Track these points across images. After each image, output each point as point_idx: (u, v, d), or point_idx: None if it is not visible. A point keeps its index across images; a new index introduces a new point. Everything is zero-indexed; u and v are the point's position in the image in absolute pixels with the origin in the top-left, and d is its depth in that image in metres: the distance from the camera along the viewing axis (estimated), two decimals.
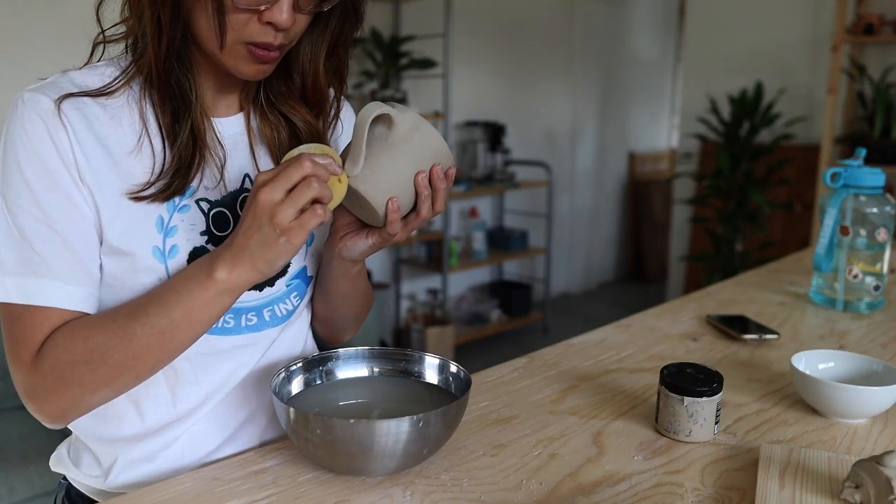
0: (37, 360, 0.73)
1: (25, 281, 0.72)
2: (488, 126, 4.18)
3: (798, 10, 3.97)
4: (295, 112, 0.87)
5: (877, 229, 1.30)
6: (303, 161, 0.67)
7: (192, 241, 0.79)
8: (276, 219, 0.66)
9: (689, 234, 4.48)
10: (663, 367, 0.86)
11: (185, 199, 0.79)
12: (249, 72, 0.77)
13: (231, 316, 0.83)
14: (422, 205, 0.76)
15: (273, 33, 0.74)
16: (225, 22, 0.72)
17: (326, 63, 0.85)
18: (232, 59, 0.76)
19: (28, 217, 0.72)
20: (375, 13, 3.70)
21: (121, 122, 0.77)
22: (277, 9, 0.72)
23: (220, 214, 0.82)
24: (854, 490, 0.68)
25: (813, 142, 3.82)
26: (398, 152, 0.74)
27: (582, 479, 0.75)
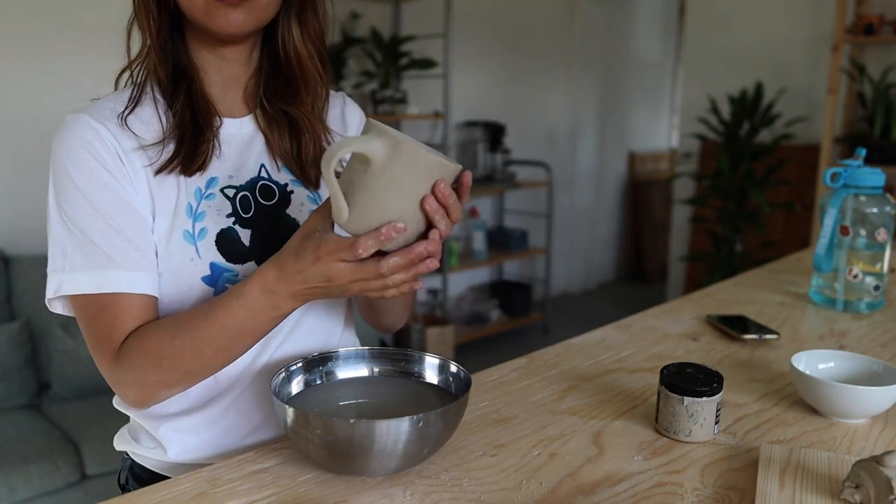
0: (117, 359, 0.80)
1: (94, 274, 0.79)
2: (488, 126, 4.18)
3: (798, 10, 3.97)
4: (291, 106, 0.92)
5: (877, 229, 1.30)
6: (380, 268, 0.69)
7: (219, 224, 0.86)
8: (352, 293, 0.74)
9: (689, 234, 4.48)
10: (663, 367, 0.86)
11: (211, 187, 0.86)
12: (224, 22, 0.80)
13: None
14: (438, 224, 0.72)
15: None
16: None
17: (303, 35, 0.89)
18: (206, 14, 0.80)
19: (84, 217, 0.80)
20: (375, 13, 3.70)
21: (150, 124, 0.85)
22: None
23: (244, 198, 0.88)
24: (854, 490, 0.68)
25: (813, 142, 3.82)
26: (379, 186, 0.67)
27: (582, 479, 0.75)
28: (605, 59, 5.22)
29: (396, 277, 0.70)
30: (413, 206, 0.68)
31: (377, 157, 0.66)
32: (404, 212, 0.68)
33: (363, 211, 0.68)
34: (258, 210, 0.89)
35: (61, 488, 2.10)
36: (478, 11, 4.21)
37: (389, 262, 0.68)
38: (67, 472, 2.10)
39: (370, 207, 0.67)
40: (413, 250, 0.69)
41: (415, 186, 0.67)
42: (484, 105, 4.36)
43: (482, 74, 4.36)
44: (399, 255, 0.69)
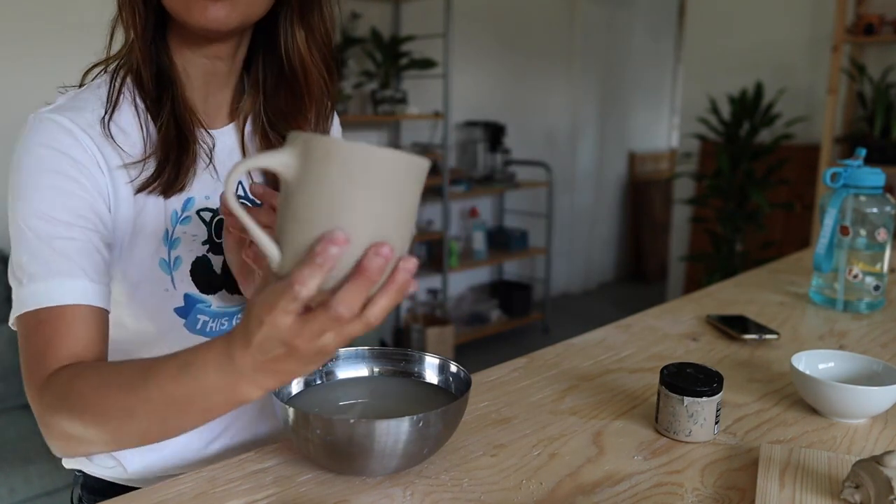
0: (42, 390, 0.69)
1: (39, 286, 0.71)
2: (488, 126, 4.18)
3: (798, 10, 3.97)
4: (293, 125, 0.85)
5: (877, 229, 1.30)
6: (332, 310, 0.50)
7: (194, 251, 0.81)
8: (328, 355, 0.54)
9: (689, 234, 4.48)
10: (663, 367, 0.86)
11: (186, 210, 0.80)
12: (202, 16, 0.72)
13: (226, 319, 0.86)
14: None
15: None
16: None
17: (308, 40, 0.82)
18: (185, 7, 0.72)
19: (41, 223, 0.72)
20: (375, 13, 3.70)
21: (129, 134, 0.78)
22: None
23: (220, 222, 0.83)
24: (854, 490, 0.68)
25: (813, 142, 3.82)
26: (302, 203, 0.50)
27: (582, 479, 0.75)
28: (605, 59, 5.22)
29: (372, 311, 0.51)
30: (355, 213, 0.49)
31: (289, 168, 0.51)
32: (344, 221, 0.49)
33: (293, 242, 0.51)
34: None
35: (61, 488, 2.10)
36: (478, 11, 4.21)
37: (341, 295, 0.49)
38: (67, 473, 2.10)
39: (301, 234, 0.50)
40: (367, 264, 0.49)
41: (346, 189, 0.49)
42: (484, 105, 4.36)
43: (482, 74, 4.36)
44: (353, 279, 0.49)
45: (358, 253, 0.50)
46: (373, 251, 0.49)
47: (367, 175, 0.49)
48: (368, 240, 0.50)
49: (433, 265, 3.96)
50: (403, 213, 0.52)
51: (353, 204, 0.49)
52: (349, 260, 0.50)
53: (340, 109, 3.34)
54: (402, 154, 0.50)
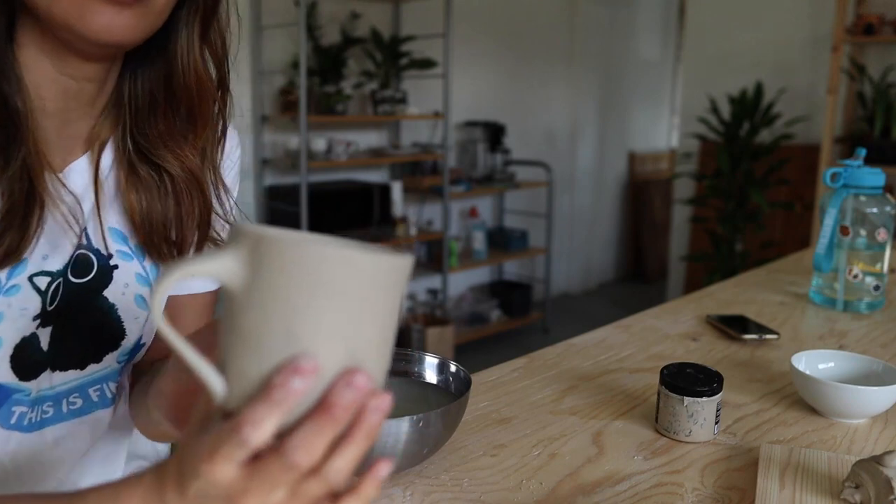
0: None
1: None
2: (488, 126, 4.18)
3: (798, 10, 3.97)
4: (174, 156, 0.67)
5: (877, 229, 1.30)
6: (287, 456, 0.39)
7: (21, 330, 0.62)
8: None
9: (689, 234, 4.48)
10: (663, 367, 0.86)
11: (14, 277, 0.61)
12: (104, 26, 0.56)
13: (49, 404, 0.67)
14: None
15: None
16: None
17: (203, 50, 0.67)
18: (78, 13, 0.56)
19: None
20: (375, 13, 3.70)
21: None
22: None
23: (62, 288, 0.65)
24: (854, 490, 0.68)
25: (813, 142, 3.82)
26: (253, 318, 0.39)
27: (582, 479, 0.75)
28: (605, 59, 5.22)
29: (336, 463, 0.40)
30: (320, 332, 0.39)
31: (234, 277, 0.39)
32: (307, 344, 0.39)
33: (242, 369, 0.40)
34: (65, 293, 0.65)
35: None
36: (478, 11, 4.21)
37: (298, 436, 0.39)
38: None
39: (252, 360, 0.39)
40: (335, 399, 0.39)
41: (309, 302, 0.38)
42: (484, 105, 4.36)
43: (482, 74, 4.36)
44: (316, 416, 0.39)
45: (322, 383, 0.39)
46: (343, 382, 0.38)
47: (336, 284, 0.38)
48: (337, 366, 0.39)
49: (433, 265, 3.96)
50: (381, 331, 0.41)
51: (317, 321, 0.38)
52: (312, 392, 0.39)
53: (340, 110, 3.34)
54: (379, 254, 0.39)
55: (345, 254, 0.38)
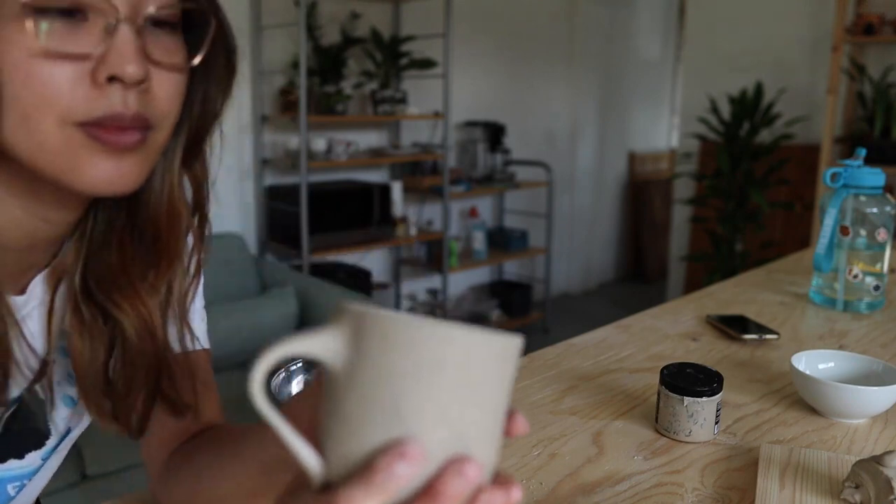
0: None
1: None
2: (488, 126, 4.18)
3: (798, 10, 3.97)
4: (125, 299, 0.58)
5: (877, 229, 1.30)
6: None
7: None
8: None
9: (689, 234, 4.48)
10: (663, 367, 0.86)
11: None
12: (104, 176, 0.49)
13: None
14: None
15: (122, 95, 0.49)
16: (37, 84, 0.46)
17: (181, 179, 0.58)
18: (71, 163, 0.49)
19: None
20: (375, 13, 3.70)
21: None
22: (116, 51, 0.48)
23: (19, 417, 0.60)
24: (854, 490, 0.68)
25: (813, 142, 3.82)
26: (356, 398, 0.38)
27: (582, 479, 0.75)
28: (605, 59, 5.22)
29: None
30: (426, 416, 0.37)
31: (336, 356, 0.38)
32: (412, 427, 0.37)
33: (343, 450, 0.38)
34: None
35: (61, 488, 2.10)
36: (478, 11, 4.21)
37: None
38: (67, 473, 2.10)
39: (353, 440, 0.37)
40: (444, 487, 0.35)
41: (415, 385, 0.37)
42: (484, 105, 4.36)
43: (482, 74, 4.36)
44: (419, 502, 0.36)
45: (427, 469, 0.36)
46: (454, 470, 0.35)
47: (442, 364, 0.36)
48: (442, 451, 0.37)
49: (433, 265, 3.96)
50: (489, 416, 0.38)
51: (423, 404, 0.36)
52: (415, 478, 0.36)
53: (340, 110, 3.34)
54: (490, 335, 0.37)
55: (451, 333, 0.37)
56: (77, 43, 0.47)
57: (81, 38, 0.47)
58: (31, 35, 0.45)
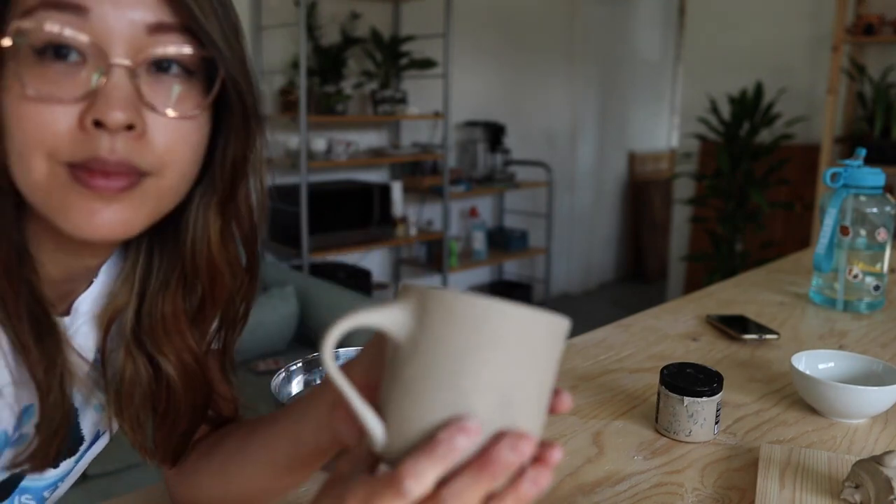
0: None
1: None
2: (488, 126, 4.18)
3: (798, 10, 3.97)
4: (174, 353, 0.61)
5: (877, 229, 1.30)
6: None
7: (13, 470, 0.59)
8: None
9: (689, 234, 4.48)
10: (663, 367, 0.86)
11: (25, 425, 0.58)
12: (88, 223, 0.50)
13: (29, 496, 0.65)
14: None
15: (108, 140, 0.48)
16: (28, 124, 0.48)
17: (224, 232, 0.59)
18: (61, 207, 0.50)
19: None
20: (375, 13, 3.70)
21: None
22: (104, 96, 0.48)
23: None
24: (854, 490, 0.68)
25: (813, 142, 3.82)
26: (419, 371, 0.40)
27: (582, 479, 0.75)
28: (605, 59, 5.22)
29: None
30: (484, 391, 0.40)
31: (401, 328, 0.41)
32: (472, 401, 0.40)
33: (405, 420, 0.41)
34: None
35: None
36: (478, 11, 4.21)
37: (456, 487, 0.38)
38: None
39: (415, 412, 0.40)
40: (497, 456, 0.38)
41: (475, 359, 0.39)
42: (484, 105, 4.36)
43: (482, 74, 4.36)
44: (474, 470, 0.38)
45: (482, 439, 0.39)
46: (508, 442, 0.38)
47: (497, 339, 0.39)
48: (495, 423, 0.40)
49: (433, 265, 3.96)
50: (537, 389, 0.41)
51: (479, 376, 0.39)
52: (473, 447, 0.39)
53: (340, 110, 3.35)
54: (543, 314, 0.40)
55: (509, 311, 0.39)
56: (68, 86, 0.48)
57: (75, 81, 0.48)
58: (20, 78, 0.47)
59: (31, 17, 0.47)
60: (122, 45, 0.48)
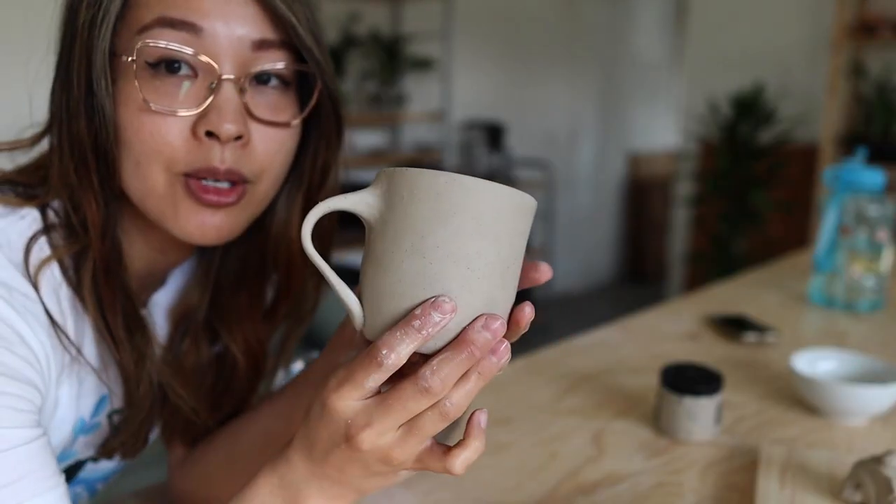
0: None
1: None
2: (488, 126, 4.18)
3: (798, 10, 3.97)
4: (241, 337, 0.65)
5: (877, 229, 1.30)
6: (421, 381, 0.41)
7: (78, 456, 0.62)
8: (393, 461, 0.44)
9: (689, 234, 4.48)
10: (663, 367, 0.86)
11: (98, 415, 0.61)
12: (192, 227, 0.54)
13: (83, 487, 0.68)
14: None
15: (219, 150, 0.53)
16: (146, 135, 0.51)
17: (300, 221, 0.62)
18: (173, 213, 0.54)
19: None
20: (375, 13, 3.70)
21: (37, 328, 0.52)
22: (216, 109, 0.52)
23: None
24: (854, 490, 0.68)
25: (813, 142, 3.82)
26: (388, 249, 0.42)
27: (582, 479, 0.75)
28: (605, 59, 5.22)
29: (455, 395, 0.42)
30: (446, 257, 0.41)
31: (372, 210, 0.43)
32: (435, 269, 0.41)
33: (377, 292, 0.43)
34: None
35: None
36: (478, 11, 4.21)
37: (436, 364, 0.41)
38: None
39: (384, 281, 0.42)
40: (473, 336, 0.41)
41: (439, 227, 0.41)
42: (484, 105, 4.36)
43: (482, 74, 4.36)
44: (451, 346, 0.41)
45: (460, 319, 0.42)
46: (482, 323, 0.41)
47: (461, 212, 0.41)
48: (478, 307, 0.42)
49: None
50: (506, 263, 0.43)
51: (445, 247, 0.41)
52: (449, 329, 0.42)
53: None
54: (504, 188, 0.42)
55: (467, 181, 0.41)
56: (182, 99, 0.52)
57: (188, 95, 0.52)
58: (139, 92, 0.51)
59: (147, 33, 0.51)
60: (230, 60, 0.52)
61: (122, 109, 0.52)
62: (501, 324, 0.42)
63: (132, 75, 0.51)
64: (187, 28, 0.51)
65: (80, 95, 0.51)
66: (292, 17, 0.53)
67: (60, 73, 0.53)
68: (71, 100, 0.52)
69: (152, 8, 0.51)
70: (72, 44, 0.52)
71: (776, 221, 4.00)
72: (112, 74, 0.52)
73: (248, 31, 0.53)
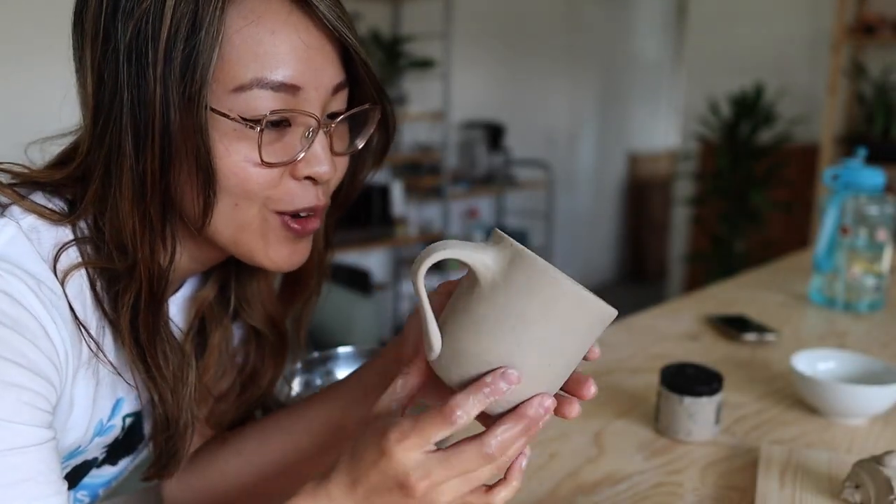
0: None
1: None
2: (488, 126, 4.18)
3: (798, 10, 3.97)
4: (264, 315, 0.69)
5: (877, 229, 1.30)
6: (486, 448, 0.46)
7: (86, 456, 0.62)
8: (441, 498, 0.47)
9: (689, 234, 4.48)
10: (663, 367, 0.86)
11: (114, 417, 0.61)
12: (283, 257, 0.58)
13: (85, 493, 0.67)
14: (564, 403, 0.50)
15: (318, 190, 0.57)
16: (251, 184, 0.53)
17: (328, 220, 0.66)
18: (260, 238, 0.56)
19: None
20: (375, 13, 3.70)
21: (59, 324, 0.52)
22: (313, 155, 0.55)
23: (133, 426, 0.64)
24: (854, 490, 0.68)
25: (813, 142, 3.82)
26: (484, 312, 0.47)
27: (582, 479, 0.75)
28: (605, 59, 5.22)
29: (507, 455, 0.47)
30: (539, 353, 0.47)
31: (487, 271, 0.47)
32: (526, 357, 0.46)
33: (461, 344, 0.47)
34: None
35: None
36: (478, 11, 4.21)
37: (497, 430, 0.46)
38: None
39: (473, 341, 0.47)
40: (530, 412, 0.47)
41: (541, 324, 0.46)
42: (484, 105, 4.36)
43: (482, 74, 4.36)
44: (512, 419, 0.47)
45: (523, 394, 0.47)
46: (539, 402, 0.47)
47: (560, 316, 0.46)
48: (537, 385, 0.47)
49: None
50: (574, 362, 0.49)
51: (537, 339, 0.46)
52: (510, 399, 0.47)
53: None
54: (603, 303, 0.48)
55: (582, 294, 0.46)
56: (282, 149, 0.54)
57: (286, 144, 0.54)
58: (248, 147, 0.52)
59: (246, 94, 0.52)
60: (319, 108, 0.55)
61: (221, 163, 0.52)
62: (552, 402, 0.47)
63: (239, 131, 0.52)
64: (286, 89, 0.52)
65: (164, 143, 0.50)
66: (364, 52, 0.56)
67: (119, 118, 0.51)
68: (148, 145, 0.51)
69: (247, 65, 0.51)
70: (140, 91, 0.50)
71: (776, 221, 4.00)
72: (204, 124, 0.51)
73: (331, 78, 0.55)
